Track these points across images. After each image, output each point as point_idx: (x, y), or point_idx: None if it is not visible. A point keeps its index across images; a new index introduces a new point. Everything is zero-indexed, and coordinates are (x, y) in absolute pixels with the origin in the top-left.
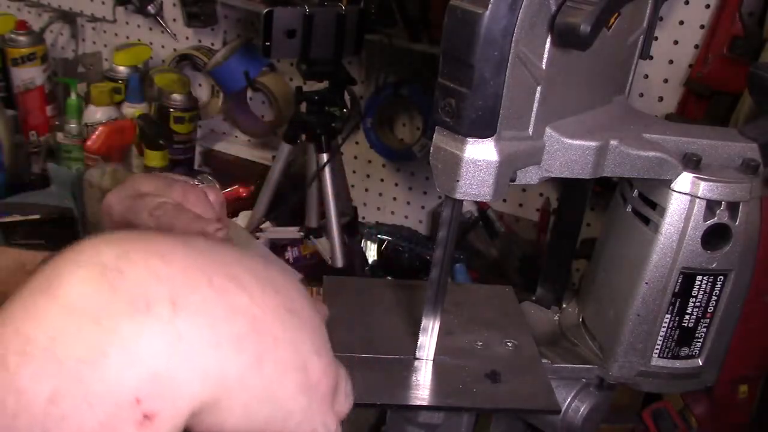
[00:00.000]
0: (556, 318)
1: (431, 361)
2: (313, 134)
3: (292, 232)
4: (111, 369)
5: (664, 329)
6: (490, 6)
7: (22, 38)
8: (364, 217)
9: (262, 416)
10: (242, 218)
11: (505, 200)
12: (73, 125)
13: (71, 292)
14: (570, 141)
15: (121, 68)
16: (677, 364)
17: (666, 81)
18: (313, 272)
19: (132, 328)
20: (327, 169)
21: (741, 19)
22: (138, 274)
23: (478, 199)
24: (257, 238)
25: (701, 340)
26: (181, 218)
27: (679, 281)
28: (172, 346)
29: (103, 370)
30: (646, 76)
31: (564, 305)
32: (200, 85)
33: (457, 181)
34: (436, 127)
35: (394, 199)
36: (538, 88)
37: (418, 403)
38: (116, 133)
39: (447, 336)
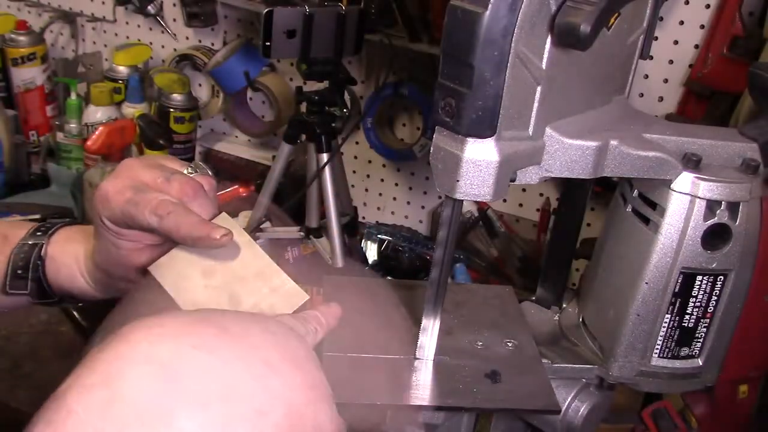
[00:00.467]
0: (556, 318)
1: (431, 361)
2: (313, 134)
3: (292, 232)
4: None
5: (664, 329)
6: (490, 6)
7: (22, 38)
8: (364, 217)
9: None
10: (242, 218)
11: (505, 200)
12: (73, 125)
13: (134, 389)
14: (570, 141)
15: (121, 68)
16: (677, 364)
17: (666, 81)
18: (313, 272)
19: (191, 425)
20: (327, 169)
21: (741, 19)
22: (193, 373)
23: (478, 199)
24: (257, 239)
25: (701, 340)
26: (187, 221)
27: (679, 281)
28: None
29: None
30: (646, 76)
31: (564, 305)
32: (200, 85)
33: (457, 181)
34: (436, 127)
35: (394, 199)
36: (538, 88)
37: (418, 403)
38: (116, 133)
39: (447, 336)
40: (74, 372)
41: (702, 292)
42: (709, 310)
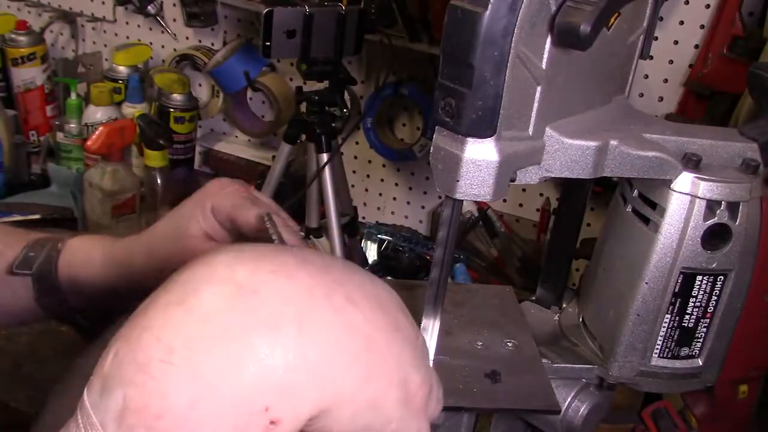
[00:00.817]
0: (556, 318)
1: (431, 361)
2: (313, 134)
3: None
4: (245, 380)
5: (664, 329)
6: (490, 6)
7: (22, 38)
8: (364, 217)
9: (364, 423)
10: None
11: (505, 200)
12: (73, 125)
13: (208, 307)
14: (570, 141)
15: (121, 68)
16: (677, 364)
17: (666, 81)
18: None
19: (264, 344)
20: (327, 169)
21: (741, 19)
22: (269, 295)
23: (478, 199)
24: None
25: (701, 340)
26: (285, 232)
27: (679, 281)
28: (297, 362)
29: (238, 381)
30: (646, 76)
31: (564, 305)
32: (200, 85)
33: (457, 181)
34: (436, 127)
35: (394, 199)
36: (538, 88)
37: None
38: (116, 133)
39: (447, 336)
40: (152, 294)
41: (702, 292)
42: (709, 310)
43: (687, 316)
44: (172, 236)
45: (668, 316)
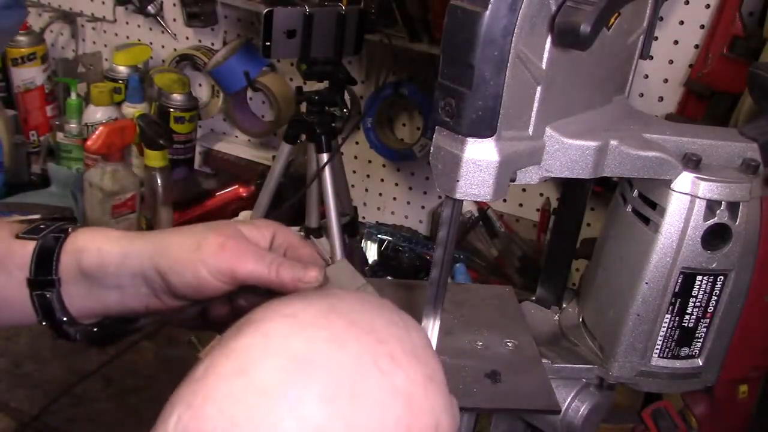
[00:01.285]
0: (556, 318)
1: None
2: (313, 134)
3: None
4: None
5: (664, 329)
6: (490, 6)
7: (22, 38)
8: (364, 217)
9: None
10: (242, 218)
11: (505, 200)
12: (73, 125)
13: (268, 380)
14: (570, 141)
15: (121, 68)
16: (677, 364)
17: (666, 81)
18: None
19: (321, 417)
20: (327, 169)
21: (741, 19)
22: (323, 367)
23: (478, 199)
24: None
25: (701, 340)
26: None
27: (679, 281)
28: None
29: None
30: (646, 76)
31: (564, 305)
32: (200, 85)
33: (457, 181)
34: (436, 127)
35: (394, 199)
36: (538, 88)
37: None
38: (116, 133)
39: (447, 336)
40: (210, 358)
41: (702, 292)
42: (709, 310)
43: (687, 316)
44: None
45: (668, 316)
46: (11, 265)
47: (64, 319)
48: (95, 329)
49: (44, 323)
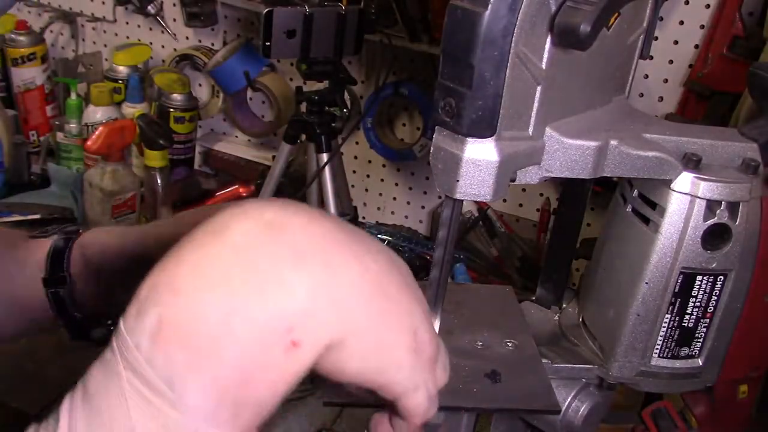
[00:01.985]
0: (556, 318)
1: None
2: (313, 134)
3: None
4: (272, 302)
5: (664, 329)
6: (490, 6)
7: (22, 38)
8: (364, 217)
9: (376, 364)
10: None
11: (505, 200)
12: (73, 125)
13: (240, 240)
14: (570, 141)
15: (121, 68)
16: (677, 364)
17: (666, 81)
18: None
19: (290, 272)
20: (327, 169)
21: (741, 19)
22: (295, 231)
23: (478, 199)
24: None
25: (701, 340)
26: None
27: (679, 281)
28: (319, 291)
29: (266, 303)
30: (646, 76)
31: (564, 305)
32: (200, 85)
33: (457, 181)
34: (436, 127)
35: (394, 199)
36: (538, 88)
37: None
38: (116, 133)
39: (447, 336)
40: (189, 233)
41: (702, 292)
42: (709, 310)
43: (687, 316)
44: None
45: (668, 316)
46: (32, 263)
47: (77, 315)
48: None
49: (61, 323)
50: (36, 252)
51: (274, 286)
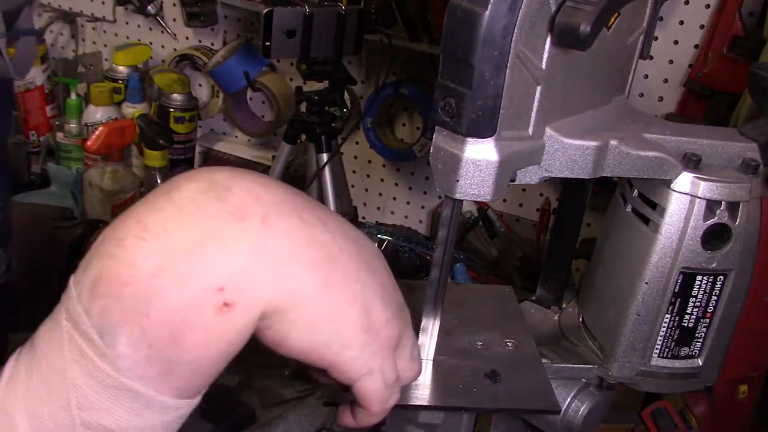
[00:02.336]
0: (556, 318)
1: (431, 361)
2: (313, 134)
3: None
4: (205, 259)
5: (664, 329)
6: (490, 6)
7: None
8: (364, 217)
9: (321, 338)
10: None
11: (505, 200)
12: (73, 125)
13: (185, 197)
14: (570, 141)
15: (121, 68)
16: (677, 364)
17: (666, 81)
18: None
19: (228, 231)
20: (327, 169)
21: (741, 19)
22: (241, 192)
23: (478, 199)
24: None
25: (701, 340)
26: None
27: (679, 281)
28: (256, 253)
29: (199, 259)
30: (646, 76)
31: (564, 305)
32: (200, 85)
33: (457, 181)
34: (436, 127)
35: (394, 199)
36: (538, 88)
37: (418, 403)
38: (116, 133)
39: (447, 336)
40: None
41: (702, 292)
42: (709, 310)
43: (687, 316)
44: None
45: (668, 316)
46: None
47: None
48: None
49: None
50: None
51: (210, 245)
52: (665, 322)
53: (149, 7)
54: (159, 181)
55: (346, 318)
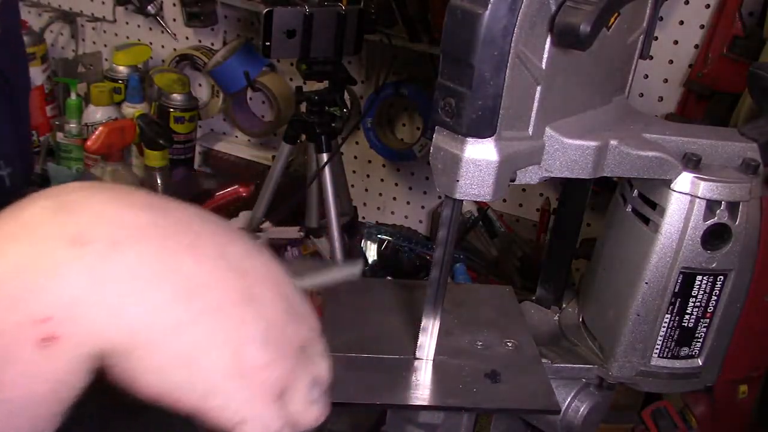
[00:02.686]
0: (556, 318)
1: (431, 361)
2: (313, 134)
3: (292, 232)
4: (33, 285)
5: (664, 329)
6: (490, 6)
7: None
8: (364, 217)
9: (177, 381)
10: (242, 218)
11: (505, 200)
12: (73, 125)
13: (28, 215)
14: (570, 141)
15: (121, 68)
16: (677, 364)
17: (666, 81)
18: None
19: (64, 256)
20: (327, 169)
21: (741, 19)
22: (88, 214)
23: (478, 199)
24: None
25: (701, 340)
26: None
27: (679, 281)
28: (95, 282)
29: (26, 284)
30: (646, 76)
31: (564, 305)
32: (200, 85)
33: (457, 181)
34: (436, 127)
35: (394, 199)
36: (538, 88)
37: (418, 403)
38: (116, 133)
39: (447, 336)
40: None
41: (702, 292)
42: (709, 310)
43: (687, 316)
44: None
45: (668, 316)
46: None
47: None
48: None
49: None
50: None
51: (41, 267)
52: (665, 322)
53: (149, 7)
54: (159, 181)
55: (205, 361)
